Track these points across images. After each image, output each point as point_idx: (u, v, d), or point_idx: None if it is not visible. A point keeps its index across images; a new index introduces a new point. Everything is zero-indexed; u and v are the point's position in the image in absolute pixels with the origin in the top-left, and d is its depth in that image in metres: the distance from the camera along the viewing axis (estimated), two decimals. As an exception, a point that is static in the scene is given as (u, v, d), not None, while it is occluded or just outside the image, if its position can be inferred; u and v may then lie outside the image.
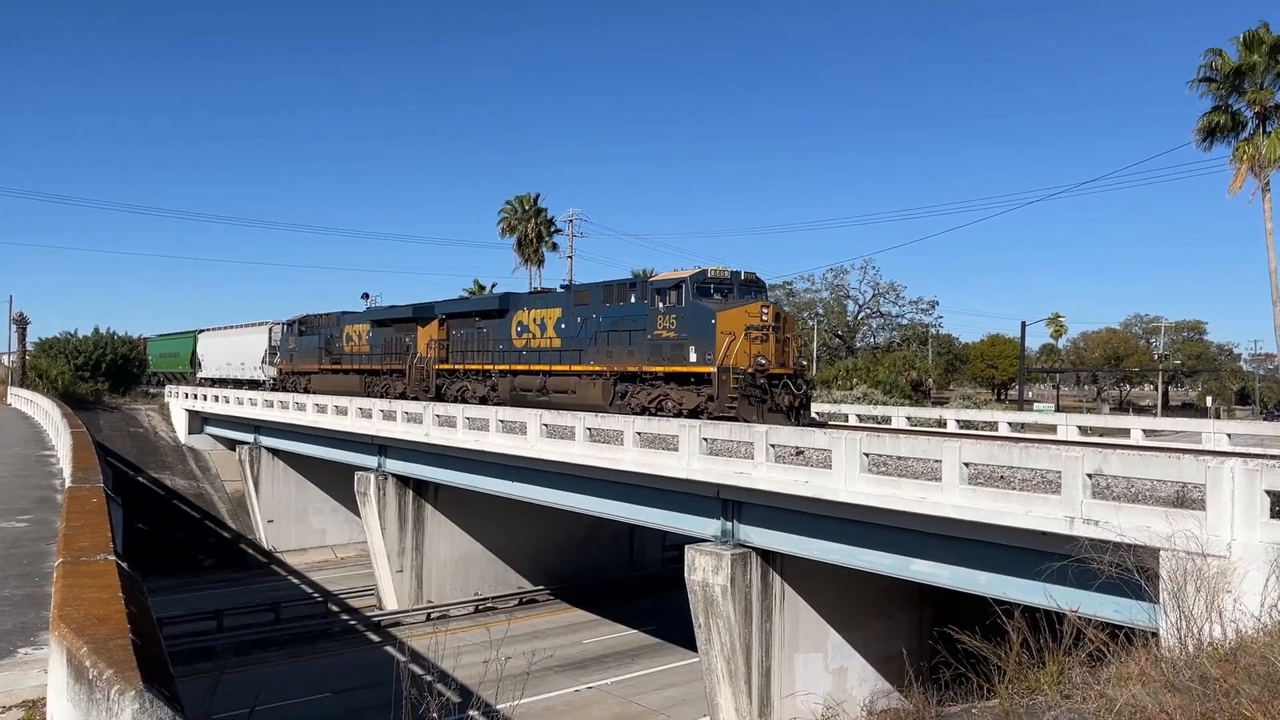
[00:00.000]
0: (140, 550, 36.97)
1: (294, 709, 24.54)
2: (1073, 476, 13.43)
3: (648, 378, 26.02)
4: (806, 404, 25.14)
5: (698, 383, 24.42)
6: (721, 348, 23.59)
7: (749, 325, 23.91)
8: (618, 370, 26.99)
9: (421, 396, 35.64)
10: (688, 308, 24.97)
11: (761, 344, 23.82)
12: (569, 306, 29.96)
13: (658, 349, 25.69)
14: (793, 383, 24.22)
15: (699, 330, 24.40)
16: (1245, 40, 36.06)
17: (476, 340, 34.49)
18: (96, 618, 4.32)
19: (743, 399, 23.23)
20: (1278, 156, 35.59)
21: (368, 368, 41.13)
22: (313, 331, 46.78)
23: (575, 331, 29.21)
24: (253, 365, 53.74)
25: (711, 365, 23.74)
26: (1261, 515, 11.57)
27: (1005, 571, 15.26)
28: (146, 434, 52.59)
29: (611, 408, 26.69)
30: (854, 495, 16.60)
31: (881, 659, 21.02)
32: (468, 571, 35.92)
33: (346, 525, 46.02)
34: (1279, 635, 8.14)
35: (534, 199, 68.44)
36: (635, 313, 26.81)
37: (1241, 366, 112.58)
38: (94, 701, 3.41)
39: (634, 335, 26.64)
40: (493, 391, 32.85)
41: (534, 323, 31.74)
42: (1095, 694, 6.66)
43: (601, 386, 27.55)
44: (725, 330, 23.77)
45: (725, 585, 19.39)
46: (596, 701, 25.77)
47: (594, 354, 28.14)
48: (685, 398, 24.78)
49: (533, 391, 30.67)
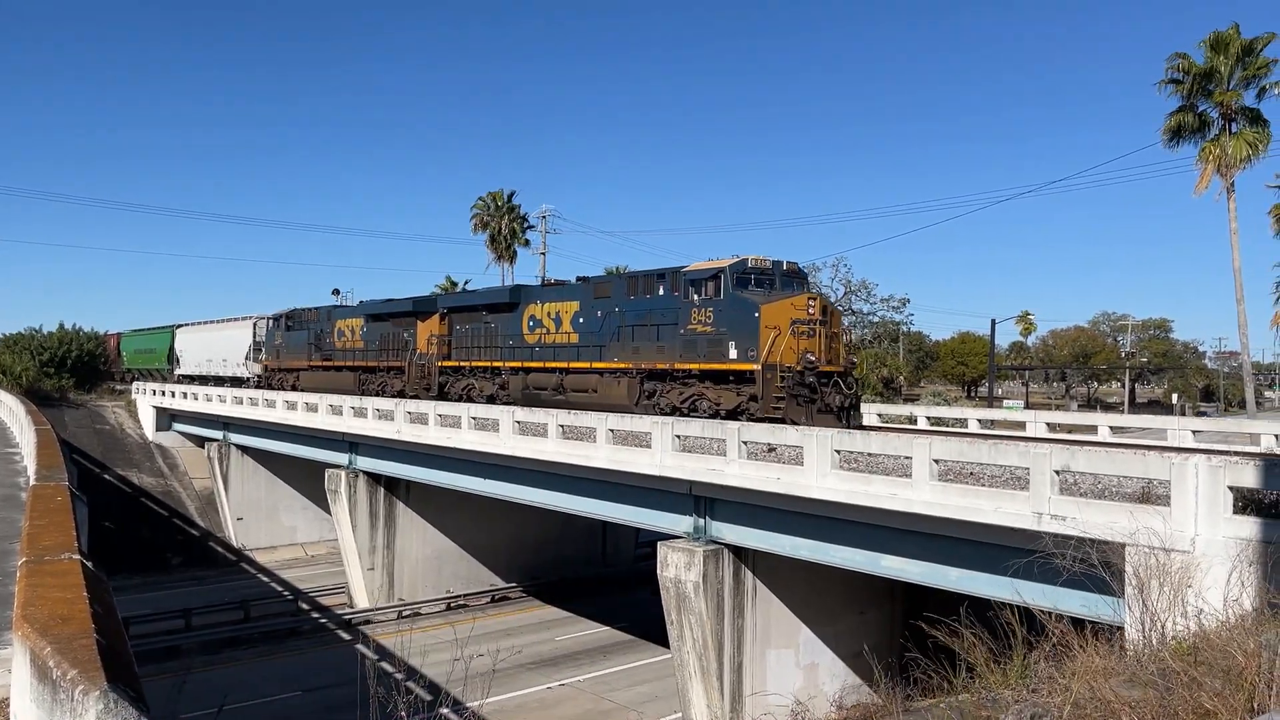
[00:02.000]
0: (106, 549, 36.56)
1: (263, 708, 24.38)
2: (1041, 473, 13.58)
3: (680, 376, 24.35)
4: (857, 404, 23.46)
5: (738, 381, 22.74)
6: (766, 343, 21.88)
7: (795, 319, 22.27)
8: (645, 368, 25.29)
9: (422, 395, 34.27)
10: (727, 300, 23.16)
11: (808, 339, 22.19)
12: (588, 299, 28.05)
13: (692, 345, 23.93)
14: (843, 381, 22.56)
15: (740, 324, 22.69)
16: (1212, 42, 36.54)
17: (483, 335, 32.67)
18: (60, 617, 4.27)
19: (790, 399, 21.65)
20: (1243, 157, 36.12)
21: (363, 364, 39.46)
22: (301, 326, 45.04)
23: (595, 326, 27.36)
24: (235, 362, 51.70)
25: (754, 363, 22.02)
26: (1225, 511, 11.74)
27: (975, 567, 15.41)
28: (113, 431, 51.98)
29: (637, 408, 25.02)
30: (825, 492, 16.69)
31: (852, 654, 21.15)
32: (439, 569, 35.78)
33: (317, 523, 45.74)
34: (1241, 629, 8.27)
35: (507, 195, 68.28)
36: (665, 306, 25.02)
37: (1206, 364, 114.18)
38: (58, 702, 3.37)
39: (663, 330, 24.96)
40: (502, 390, 31.15)
41: (548, 317, 29.91)
42: (1060, 688, 6.74)
43: (626, 385, 25.82)
44: (769, 325, 22.09)
45: (697, 582, 19.43)
46: (569, 699, 25.77)
47: (617, 350, 26.37)
48: (723, 398, 23.04)
49: (548, 390, 28.93)
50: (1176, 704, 6.16)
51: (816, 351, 22.16)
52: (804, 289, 24.07)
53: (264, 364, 48.41)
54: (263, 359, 48.75)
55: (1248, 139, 36.19)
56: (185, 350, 58.61)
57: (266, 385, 46.71)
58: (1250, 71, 36.15)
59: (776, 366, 21.75)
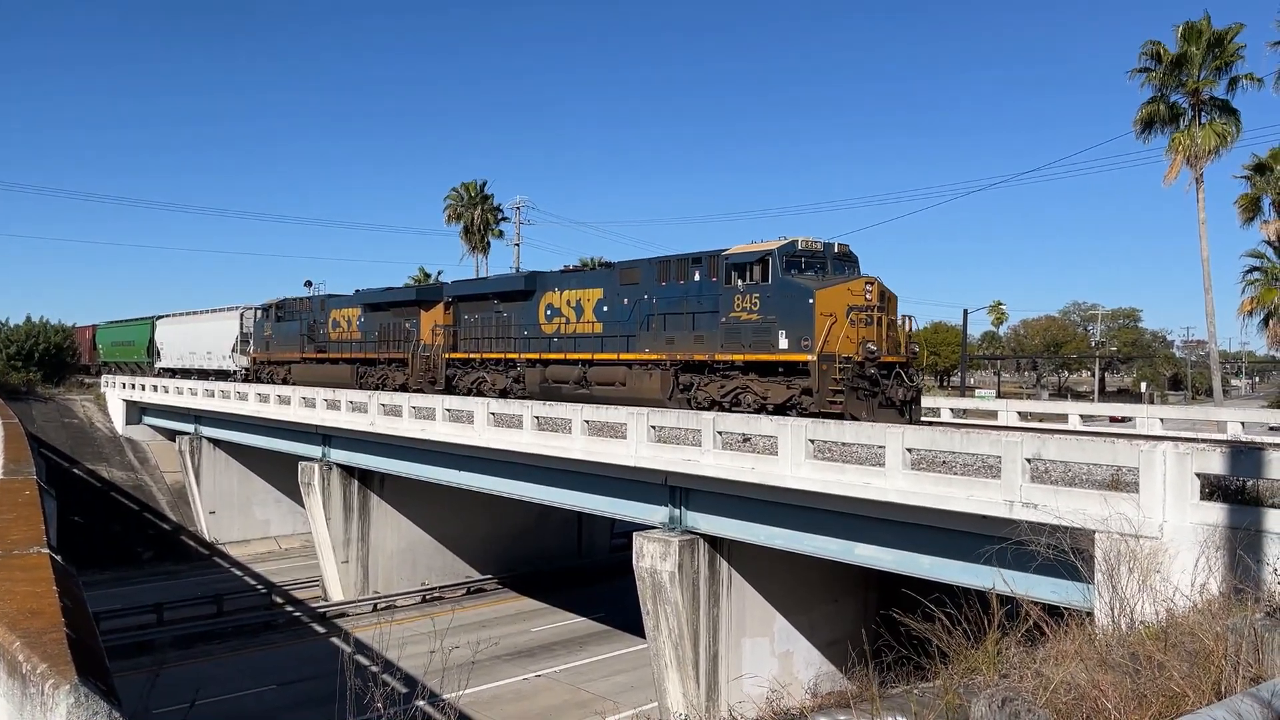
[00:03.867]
0: (76, 543, 36.20)
1: (237, 702, 24.25)
2: (1012, 461, 13.71)
3: (720, 368, 22.60)
4: (918, 398, 21.70)
5: (789, 373, 21.04)
6: (822, 332, 20.21)
7: (851, 305, 20.63)
8: (680, 359, 23.59)
9: (427, 389, 32.49)
10: (775, 285, 21.38)
11: (867, 327, 20.61)
12: (613, 286, 26.32)
13: (735, 334, 22.19)
14: (905, 373, 21.01)
15: (791, 311, 20.94)
16: (1183, 32, 36.86)
17: (495, 325, 30.76)
18: (29, 611, 4.23)
19: (850, 392, 20.05)
20: (1212, 148, 36.49)
21: (361, 356, 37.47)
22: (293, 317, 42.91)
23: (623, 314, 25.63)
24: (221, 354, 49.59)
25: (808, 353, 20.36)
26: (1192, 497, 11.92)
27: (947, 555, 15.54)
28: (82, 425, 51.38)
29: (671, 402, 23.52)
30: (800, 481, 16.78)
31: (827, 642, 21.30)
32: (415, 561, 35.70)
33: (291, 516, 45.49)
34: (1208, 613, 8.39)
35: (480, 186, 67.99)
36: (703, 292, 23.28)
37: (1174, 353, 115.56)
38: (28, 697, 3.34)
39: (700, 318, 23.24)
40: (516, 384, 29.39)
41: (568, 305, 28.10)
42: (1031, 673, 6.82)
43: (660, 378, 24.11)
44: (824, 311, 20.40)
45: (673, 572, 19.49)
46: (545, 689, 25.80)
47: (648, 340, 24.63)
48: (771, 391, 21.35)
49: (569, 384, 27.14)
50: (1145, 687, 6.25)
51: (877, 341, 20.65)
52: (856, 272, 22.23)
53: (252, 356, 46.52)
54: (251, 351, 46.90)
55: (1217, 130, 36.58)
56: (166, 343, 56.61)
57: (255, 378, 45.02)
58: (1221, 61, 36.53)
59: (834, 357, 20.12)
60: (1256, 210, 44.55)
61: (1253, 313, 44.93)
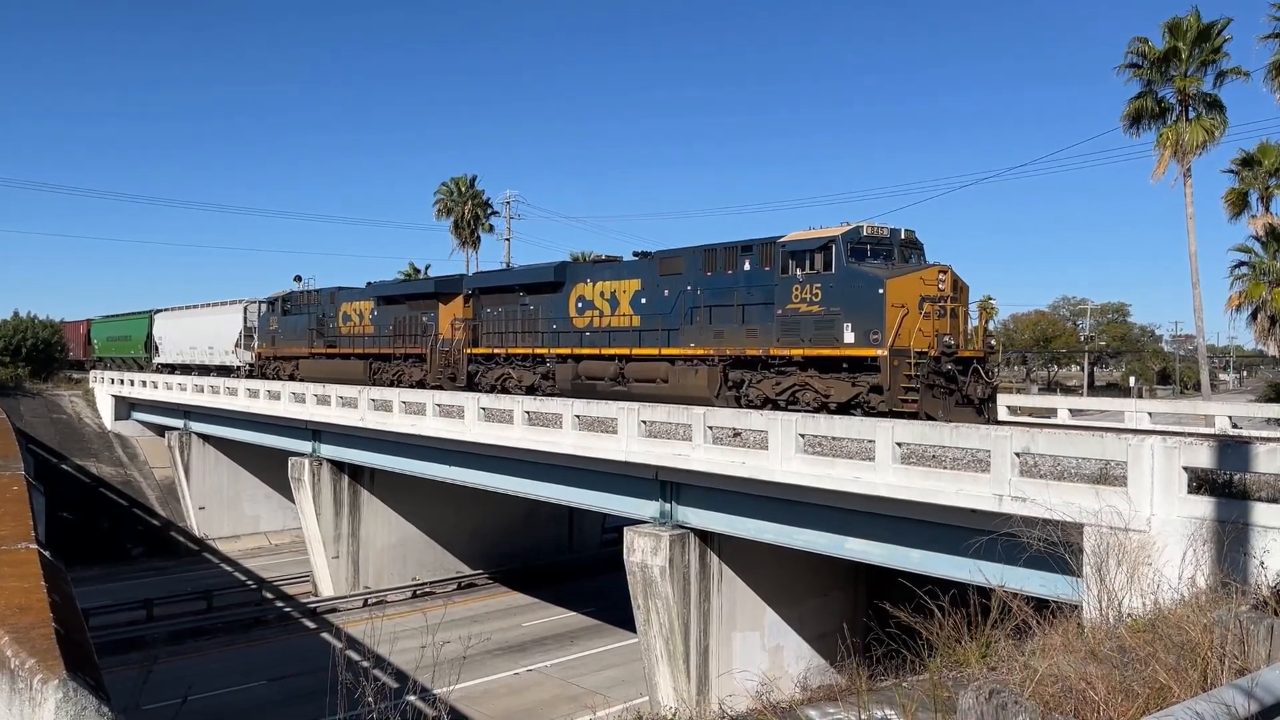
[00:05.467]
0: (65, 539, 36.05)
1: (228, 697, 24.21)
2: (1002, 455, 13.76)
3: (776, 363, 21.19)
4: (994, 395, 20.40)
5: (853, 369, 19.67)
6: (893, 325, 18.81)
7: (924, 296, 19.24)
8: (730, 354, 22.17)
9: (446, 386, 31.20)
10: (840, 274, 19.93)
11: (940, 319, 19.20)
12: (651, 277, 24.84)
13: (792, 327, 20.73)
14: (983, 369, 19.56)
15: (859, 302, 19.49)
16: (1170, 27, 36.95)
17: (521, 319, 29.32)
18: (18, 607, 4.22)
19: (925, 390, 18.71)
20: (1200, 143, 36.60)
21: (374, 351, 36.03)
22: (300, 310, 41.27)
23: (664, 307, 24.18)
24: (224, 349, 47.83)
25: (878, 348, 18.97)
26: (1179, 491, 11.98)
27: (936, 548, 15.61)
28: (70, 421, 51.17)
29: (719, 400, 22.12)
30: (790, 475, 16.82)
31: (817, 636, 21.37)
32: (405, 556, 35.68)
33: (281, 511, 45.37)
34: (1195, 605, 8.44)
35: (470, 180, 67.81)
36: (755, 282, 21.82)
37: (1163, 348, 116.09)
38: (16, 691, 3.34)
39: (752, 310, 21.83)
40: (545, 380, 27.87)
41: (600, 297, 26.54)
42: (1020, 665, 6.85)
43: (706, 374, 22.63)
44: (895, 303, 18.96)
45: (664, 566, 19.52)
46: (536, 684, 25.83)
47: (694, 334, 23.24)
48: (834, 388, 19.92)
49: (604, 380, 25.60)
50: (1133, 679, 6.29)
51: (954, 334, 19.31)
52: (923, 261, 20.82)
53: (257, 351, 44.89)
54: (255, 346, 45.23)
55: (1205, 125, 36.69)
56: (165, 337, 55.01)
57: (260, 374, 43.57)
58: (1207, 55, 36.63)
59: (907, 352, 18.74)
60: (1244, 205, 44.73)
61: (1240, 307, 45.12)
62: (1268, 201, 44.21)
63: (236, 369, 46.70)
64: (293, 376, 40.29)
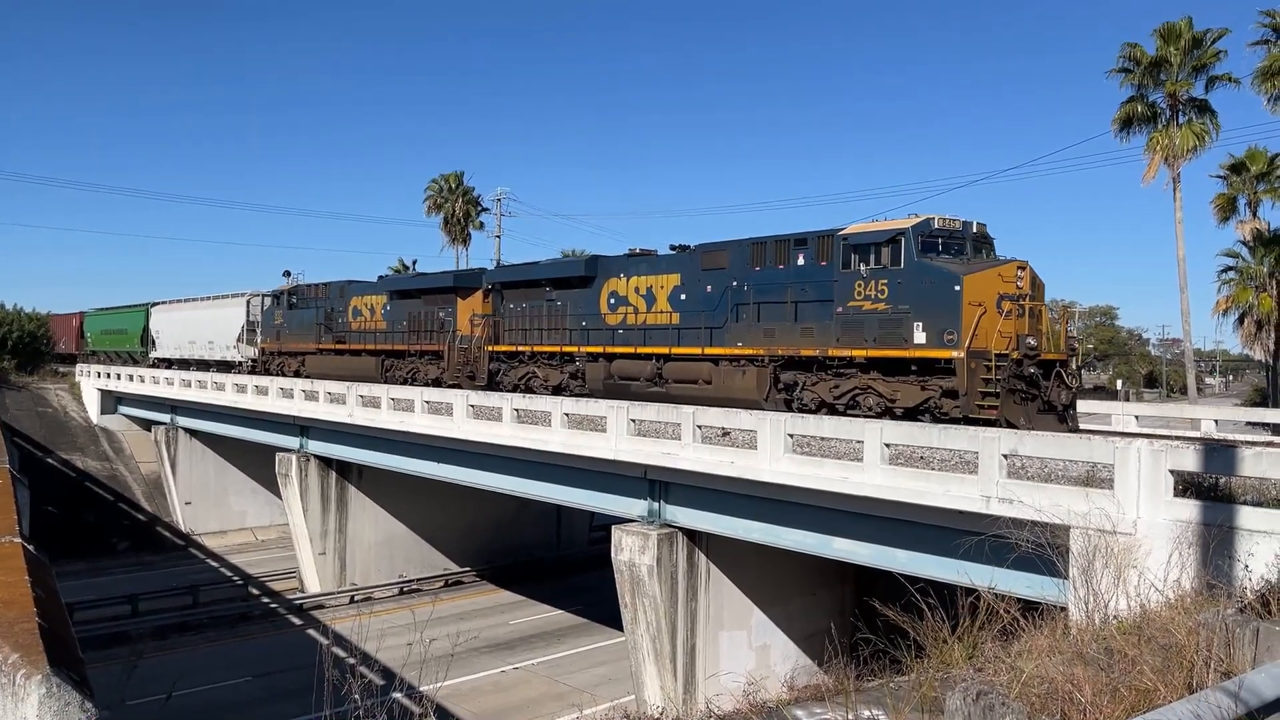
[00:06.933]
0: (50, 533, 35.80)
1: (213, 693, 24.10)
2: (989, 456, 13.80)
3: (834, 364, 19.88)
4: (1075, 401, 19.14)
5: (924, 372, 18.34)
6: (970, 324, 17.50)
7: (1002, 294, 17.95)
8: (782, 354, 20.91)
9: (465, 384, 29.77)
10: (910, 269, 18.58)
11: (1019, 319, 17.94)
12: (692, 271, 23.59)
13: (854, 326, 19.44)
14: (1066, 373, 18.38)
15: (931, 300, 18.17)
16: (1163, 33, 37.08)
17: (546, 315, 28.09)
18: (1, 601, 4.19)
19: (1006, 395, 17.40)
20: (1190, 148, 36.73)
21: (387, 348, 34.75)
22: (307, 305, 39.90)
23: (707, 303, 22.90)
24: (225, 344, 46.27)
25: (955, 348, 17.61)
26: (1166, 493, 12.04)
27: (923, 549, 15.65)
28: (56, 414, 50.92)
29: (768, 403, 20.86)
30: (778, 475, 16.84)
31: (804, 636, 21.40)
32: (392, 553, 35.61)
33: (268, 507, 45.23)
34: (1180, 608, 8.48)
35: (460, 177, 67.70)
36: (811, 277, 20.56)
37: (1150, 351, 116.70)
38: (-1, 687, 3.30)
39: (807, 307, 20.58)
40: (574, 380, 26.64)
41: (635, 293, 25.27)
42: (1006, 666, 6.87)
43: (755, 376, 21.37)
44: (973, 300, 17.68)
45: (651, 565, 19.53)
46: (523, 682, 25.81)
47: (740, 332, 21.97)
48: (900, 392, 18.62)
49: (640, 380, 24.33)
50: (1118, 681, 6.31)
51: (1038, 335, 18.08)
52: (994, 255, 19.68)
53: (261, 347, 43.40)
54: (259, 341, 43.69)
55: (1195, 130, 36.82)
56: (162, 331, 53.46)
57: (264, 370, 42.09)
58: (1199, 62, 36.78)
59: (986, 354, 17.44)
60: (1232, 210, 45.06)
61: (1227, 311, 45.44)
62: (1255, 207, 44.56)
63: (239, 365, 45.30)
64: (298, 373, 39.12)
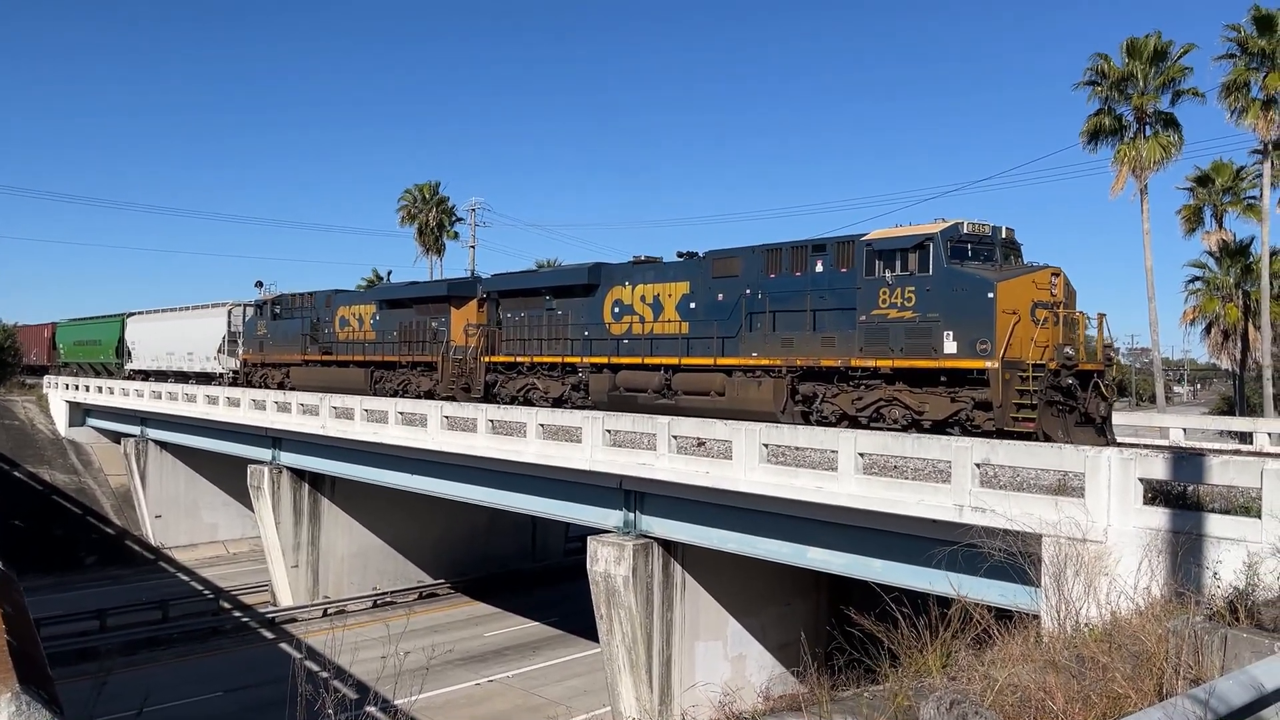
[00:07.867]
0: (16, 548, 35.40)
1: (185, 709, 23.83)
2: (962, 466, 13.91)
3: (857, 375, 19.14)
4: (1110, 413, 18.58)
5: (953, 383, 17.64)
6: (1005, 333, 16.82)
7: (1036, 301, 17.29)
8: (800, 364, 20.07)
9: (460, 397, 28.82)
10: (940, 275, 17.83)
11: (1054, 328, 17.24)
12: (702, 278, 22.78)
13: (880, 334, 18.68)
14: (1103, 383, 17.73)
15: (963, 308, 17.45)
16: (1127, 47, 37.65)
17: (546, 325, 27.20)
18: (-32, 618, 4.13)
19: (1044, 407, 16.76)
20: (1156, 160, 37.26)
21: (377, 359, 33.67)
22: (292, 314, 38.81)
23: (719, 312, 22.09)
24: (205, 355, 45.15)
25: (987, 358, 16.90)
26: (1135, 502, 12.17)
27: (897, 558, 15.73)
28: (23, 427, 50.22)
29: (785, 415, 20.12)
30: (753, 485, 16.89)
31: (779, 645, 21.44)
32: (366, 566, 35.34)
33: (240, 519, 44.78)
34: (1150, 615, 8.57)
35: (435, 187, 67.48)
36: (832, 285, 19.78)
37: (1119, 360, 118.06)
38: (-34, 705, 3.26)
39: (827, 316, 19.83)
40: (576, 392, 25.74)
41: (640, 301, 24.49)
42: (980, 675, 6.93)
43: (771, 387, 20.47)
44: (1007, 309, 16.99)
45: (627, 576, 19.51)
46: (498, 694, 25.67)
47: (754, 342, 21.18)
48: (929, 404, 17.91)
49: (647, 392, 23.49)
50: (1090, 688, 6.37)
51: (1074, 345, 17.38)
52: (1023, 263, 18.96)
53: (243, 358, 42.17)
54: (241, 352, 42.57)
55: (1161, 142, 37.36)
56: (139, 342, 52.13)
57: (246, 382, 40.74)
58: (1165, 77, 37.35)
59: (1021, 364, 16.77)
60: (1199, 221, 45.71)
61: (1194, 321, 46.11)
62: (1221, 218, 45.21)
63: (219, 376, 44.18)
64: (282, 385, 38.15)
